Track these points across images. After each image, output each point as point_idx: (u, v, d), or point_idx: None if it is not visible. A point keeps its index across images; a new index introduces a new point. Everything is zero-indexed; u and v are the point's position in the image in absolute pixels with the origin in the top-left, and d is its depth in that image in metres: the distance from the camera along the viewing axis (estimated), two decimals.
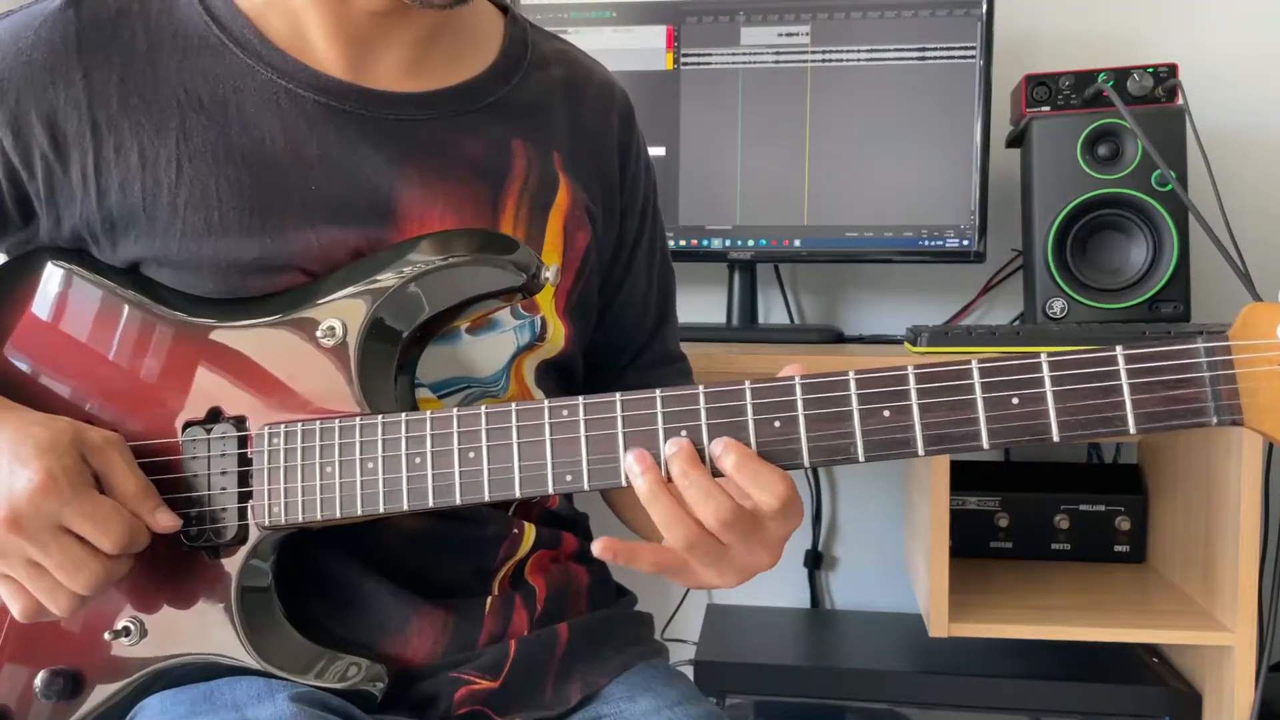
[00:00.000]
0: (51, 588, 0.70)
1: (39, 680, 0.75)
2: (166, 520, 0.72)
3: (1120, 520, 1.41)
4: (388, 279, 0.75)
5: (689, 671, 1.25)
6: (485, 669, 0.79)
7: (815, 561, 1.66)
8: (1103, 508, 1.42)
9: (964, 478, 1.42)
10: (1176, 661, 1.33)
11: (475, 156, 0.82)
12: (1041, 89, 1.34)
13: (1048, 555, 1.43)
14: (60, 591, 0.70)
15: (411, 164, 0.80)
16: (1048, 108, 1.34)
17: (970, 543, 1.42)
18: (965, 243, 1.44)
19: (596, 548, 0.67)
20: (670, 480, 0.66)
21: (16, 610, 0.71)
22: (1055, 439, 0.62)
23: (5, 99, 0.76)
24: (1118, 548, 1.42)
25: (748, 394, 0.67)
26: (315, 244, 0.77)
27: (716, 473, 0.67)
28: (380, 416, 0.73)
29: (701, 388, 0.67)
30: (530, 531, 0.85)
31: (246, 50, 0.79)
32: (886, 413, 0.65)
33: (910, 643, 1.40)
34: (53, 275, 0.80)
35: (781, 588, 1.67)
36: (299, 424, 0.74)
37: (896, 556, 1.64)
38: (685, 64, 1.47)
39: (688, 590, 1.68)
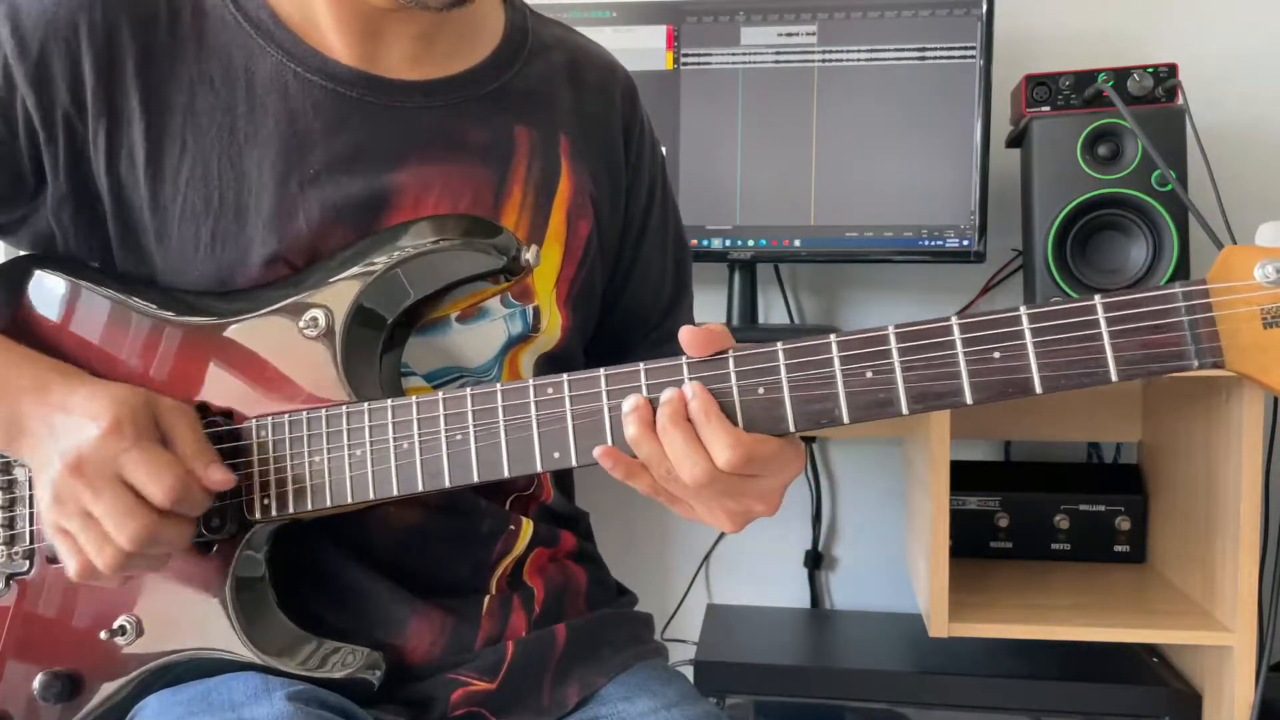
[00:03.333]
0: (99, 539, 0.69)
1: (37, 682, 0.75)
2: (219, 475, 0.72)
3: (1120, 520, 1.41)
4: (370, 266, 0.75)
5: (689, 671, 1.25)
6: (483, 670, 0.79)
7: (815, 561, 1.66)
8: (1103, 508, 1.42)
9: (964, 478, 1.42)
10: (1176, 661, 1.33)
11: (479, 144, 0.83)
12: (1041, 89, 1.34)
13: (1048, 555, 1.43)
14: (107, 545, 0.69)
15: (413, 151, 0.80)
16: (1048, 108, 1.33)
17: (970, 543, 1.42)
18: (965, 242, 1.44)
19: (598, 451, 0.67)
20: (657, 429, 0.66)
21: (71, 568, 0.71)
22: (1038, 390, 0.63)
23: (27, 55, 0.75)
24: (1118, 548, 1.42)
25: (731, 362, 0.67)
26: (305, 232, 0.77)
27: None
28: (366, 403, 0.73)
29: (684, 358, 0.68)
30: (527, 528, 0.85)
31: (260, 30, 0.79)
32: (869, 374, 0.65)
33: (910, 643, 1.40)
34: (39, 280, 0.80)
35: (781, 588, 1.67)
36: (286, 415, 0.74)
37: (896, 556, 1.63)
38: (685, 64, 1.47)
39: (688, 590, 1.68)
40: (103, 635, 0.75)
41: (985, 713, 1.28)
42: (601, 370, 0.69)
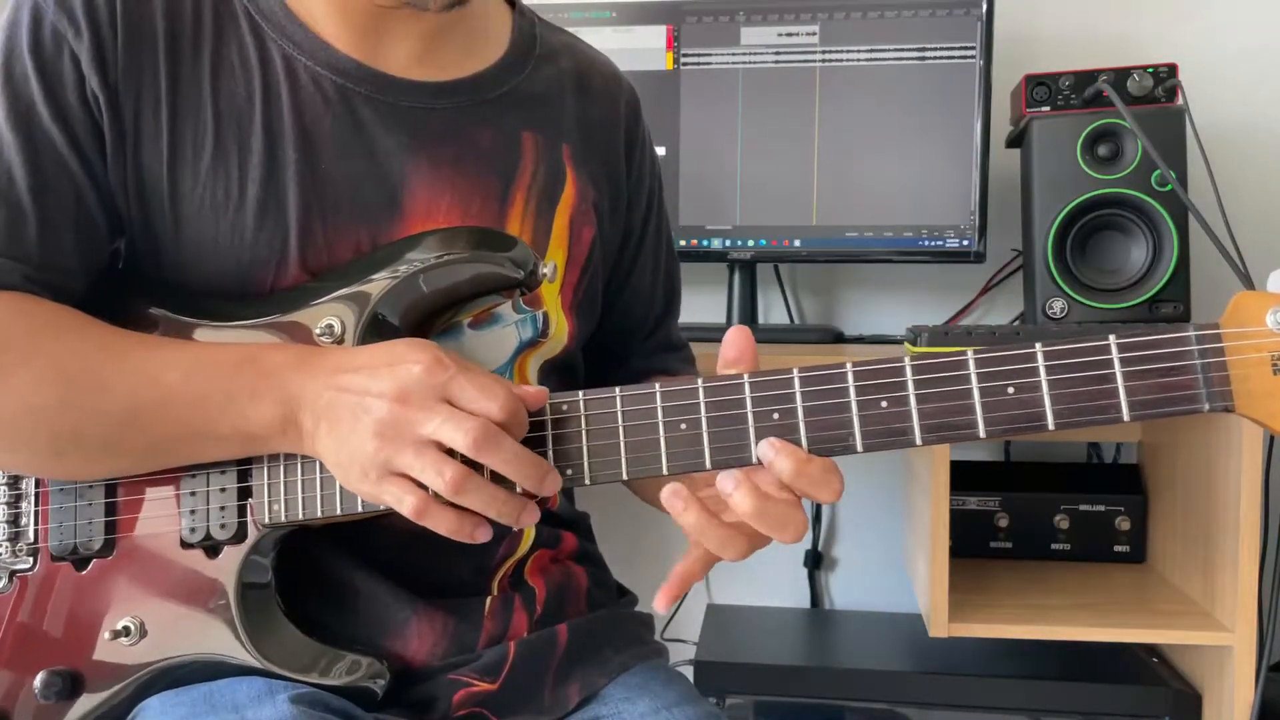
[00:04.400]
0: (437, 460, 0.66)
1: (38, 681, 0.75)
2: (534, 389, 0.70)
3: (1120, 520, 1.41)
4: (386, 275, 0.75)
5: (689, 672, 1.25)
6: (484, 671, 0.79)
7: (815, 561, 1.66)
8: (1103, 508, 1.42)
9: (964, 478, 1.42)
10: (1176, 661, 1.33)
11: (486, 148, 0.83)
12: (1041, 89, 1.34)
13: (1048, 555, 1.43)
14: (446, 464, 0.66)
15: (423, 152, 0.80)
16: (1048, 108, 1.33)
17: (970, 543, 1.42)
18: (965, 243, 1.44)
19: (661, 604, 0.70)
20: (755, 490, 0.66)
21: (408, 506, 0.68)
22: (1051, 427, 0.63)
23: (81, 36, 0.74)
24: (1118, 548, 1.42)
25: (746, 387, 0.67)
26: (319, 231, 0.77)
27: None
28: None
29: (700, 381, 0.68)
30: (530, 531, 0.85)
31: (270, 22, 0.79)
32: (884, 403, 0.65)
33: (910, 643, 1.40)
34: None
35: (781, 588, 1.67)
36: None
37: (896, 556, 1.64)
38: (685, 64, 1.47)
39: (688, 590, 1.68)
40: (105, 635, 0.75)
41: (985, 713, 1.28)
42: (618, 390, 0.69)
